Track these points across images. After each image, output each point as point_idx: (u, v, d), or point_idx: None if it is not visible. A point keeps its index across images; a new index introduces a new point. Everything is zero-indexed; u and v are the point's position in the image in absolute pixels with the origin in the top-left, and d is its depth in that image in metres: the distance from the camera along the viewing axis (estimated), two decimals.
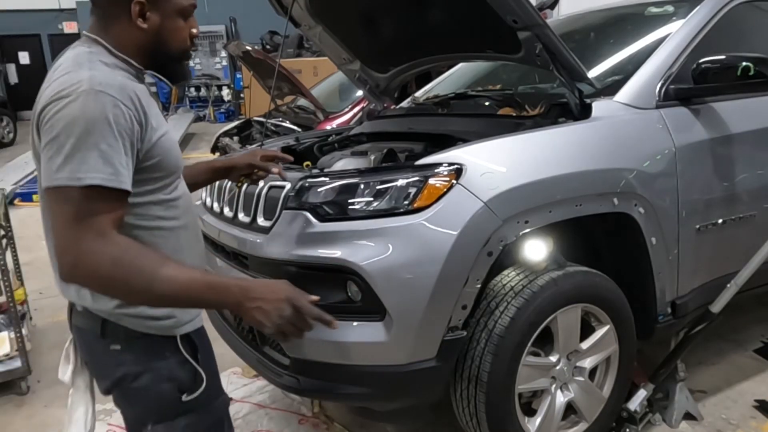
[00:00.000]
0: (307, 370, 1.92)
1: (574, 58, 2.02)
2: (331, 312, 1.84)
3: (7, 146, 11.77)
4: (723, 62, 2.16)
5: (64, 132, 1.13)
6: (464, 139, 2.08)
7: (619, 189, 2.03)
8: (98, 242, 1.13)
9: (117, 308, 1.29)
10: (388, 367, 1.84)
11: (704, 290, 2.37)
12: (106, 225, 1.15)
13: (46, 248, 1.32)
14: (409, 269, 1.75)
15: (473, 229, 1.77)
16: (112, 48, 1.28)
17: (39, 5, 16.06)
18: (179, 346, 1.35)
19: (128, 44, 1.29)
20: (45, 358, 3.30)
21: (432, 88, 3.32)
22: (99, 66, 1.22)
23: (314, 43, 2.87)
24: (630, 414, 2.30)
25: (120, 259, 1.15)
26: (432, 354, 1.84)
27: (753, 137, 2.41)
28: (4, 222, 3.45)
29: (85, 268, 1.14)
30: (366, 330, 1.81)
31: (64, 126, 1.13)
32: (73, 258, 1.14)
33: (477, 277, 1.83)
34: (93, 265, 1.13)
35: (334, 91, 5.97)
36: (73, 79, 1.17)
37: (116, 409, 1.47)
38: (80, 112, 1.13)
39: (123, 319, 1.30)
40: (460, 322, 1.86)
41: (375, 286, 1.75)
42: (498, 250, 1.84)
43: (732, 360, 2.92)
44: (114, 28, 1.29)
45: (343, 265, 1.77)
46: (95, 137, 1.13)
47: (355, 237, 1.80)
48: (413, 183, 1.82)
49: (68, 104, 1.14)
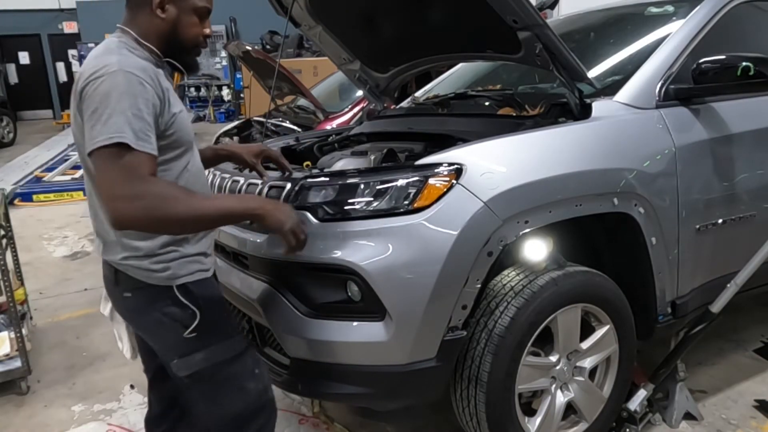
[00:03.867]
0: (307, 370, 1.92)
1: (574, 58, 2.02)
2: (332, 312, 1.86)
3: (7, 146, 11.76)
4: (723, 62, 2.16)
5: (101, 104, 1.36)
6: (464, 139, 2.08)
7: (619, 189, 2.03)
8: (143, 184, 1.36)
9: (123, 259, 1.53)
10: (388, 367, 1.83)
11: (704, 290, 2.37)
12: (144, 171, 1.37)
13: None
14: (409, 269, 1.75)
15: (473, 229, 1.77)
16: (138, 37, 1.52)
17: (39, 5, 16.06)
18: (176, 293, 1.54)
19: (150, 33, 1.53)
20: (45, 358, 3.30)
21: (432, 88, 3.31)
22: (125, 52, 1.46)
23: (314, 43, 2.87)
24: (630, 414, 2.31)
25: (163, 194, 1.38)
26: (432, 354, 1.84)
27: (753, 137, 2.41)
28: (4, 222, 3.45)
29: (135, 207, 1.34)
30: (366, 330, 1.81)
31: (99, 100, 1.36)
32: (123, 202, 1.34)
33: (477, 277, 1.83)
34: (142, 203, 1.34)
35: (334, 91, 5.97)
36: (105, 61, 1.41)
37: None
38: (112, 87, 1.36)
39: (129, 270, 1.53)
40: (460, 322, 1.86)
41: (375, 286, 1.75)
42: (498, 250, 1.83)
43: (732, 360, 2.92)
44: (138, 19, 1.53)
45: (343, 265, 1.77)
46: (124, 105, 1.35)
47: (355, 237, 1.80)
48: (413, 183, 1.82)
49: (102, 83, 1.37)
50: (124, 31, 1.53)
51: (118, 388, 2.90)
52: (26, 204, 7.00)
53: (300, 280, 1.90)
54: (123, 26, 1.55)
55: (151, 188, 1.37)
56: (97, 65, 1.40)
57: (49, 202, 7.08)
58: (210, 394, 1.64)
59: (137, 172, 1.35)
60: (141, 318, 1.61)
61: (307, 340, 1.86)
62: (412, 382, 1.87)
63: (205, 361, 1.59)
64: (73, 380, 3.06)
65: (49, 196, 7.16)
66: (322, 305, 1.86)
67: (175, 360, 1.59)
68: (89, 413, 2.75)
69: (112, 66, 1.39)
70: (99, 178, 1.39)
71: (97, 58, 1.43)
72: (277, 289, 1.92)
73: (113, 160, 1.34)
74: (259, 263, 1.98)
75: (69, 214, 6.51)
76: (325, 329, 1.84)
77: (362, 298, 1.79)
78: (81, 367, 3.19)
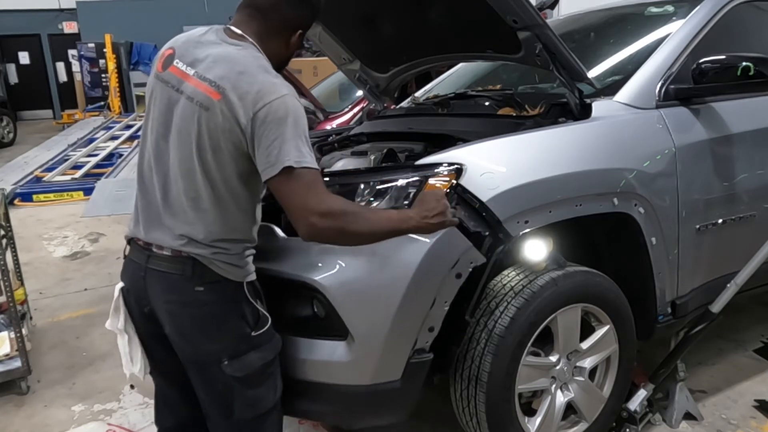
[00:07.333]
0: None
1: (574, 58, 2.01)
2: (298, 328, 1.82)
3: (7, 146, 11.75)
4: (723, 62, 2.16)
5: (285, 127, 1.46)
6: (464, 139, 2.08)
7: (619, 189, 2.03)
8: (334, 197, 1.48)
9: (213, 254, 1.55)
10: (351, 387, 1.81)
11: (704, 290, 2.37)
12: (325, 185, 1.49)
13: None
14: (372, 289, 1.72)
15: (440, 250, 1.73)
16: (267, 58, 1.60)
17: (39, 5, 16.05)
18: (245, 291, 1.60)
19: (275, 57, 1.62)
20: (45, 358, 3.30)
21: (432, 88, 3.31)
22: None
23: (314, 43, 2.86)
24: (630, 414, 2.31)
25: (352, 207, 1.51)
26: (397, 376, 1.80)
27: (753, 137, 2.41)
28: (4, 222, 3.45)
29: (336, 215, 1.44)
30: (329, 349, 1.79)
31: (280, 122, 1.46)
32: (325, 210, 1.43)
33: (445, 299, 1.78)
34: (340, 213, 1.45)
35: (334, 91, 5.96)
36: (273, 81, 1.50)
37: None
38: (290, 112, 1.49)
39: (214, 264, 1.55)
40: (426, 345, 1.81)
41: (336, 305, 1.72)
42: (467, 272, 1.78)
43: (732, 360, 2.92)
44: (272, 42, 1.62)
45: (306, 282, 1.75)
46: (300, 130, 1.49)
47: (321, 252, 1.76)
48: (413, 183, 1.82)
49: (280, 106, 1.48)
50: (256, 48, 1.56)
51: (118, 388, 2.90)
52: (26, 204, 6.99)
53: (268, 294, 1.89)
54: (253, 41, 1.57)
55: (339, 202, 1.48)
56: (266, 85, 1.47)
57: (49, 202, 7.07)
58: (252, 392, 1.66)
59: (324, 189, 1.48)
60: (207, 313, 1.58)
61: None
62: (376, 403, 1.84)
63: (260, 360, 1.63)
64: (73, 380, 3.06)
65: (49, 196, 7.16)
66: (288, 321, 1.83)
67: (226, 361, 1.59)
68: (89, 413, 2.75)
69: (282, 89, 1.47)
70: (291, 195, 1.46)
71: (261, 76, 1.48)
72: None
73: (308, 178, 1.44)
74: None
75: (69, 214, 6.51)
76: (291, 346, 1.81)
77: (326, 316, 1.77)
78: (81, 367, 3.19)
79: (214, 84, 1.47)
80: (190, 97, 1.50)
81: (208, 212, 1.54)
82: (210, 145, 1.49)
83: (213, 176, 1.51)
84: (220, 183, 1.52)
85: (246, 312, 1.61)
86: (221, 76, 1.47)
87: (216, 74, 1.48)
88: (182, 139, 1.52)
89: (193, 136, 1.50)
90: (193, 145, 1.51)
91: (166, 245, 1.57)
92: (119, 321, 1.69)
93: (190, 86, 1.51)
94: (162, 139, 1.57)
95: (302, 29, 1.63)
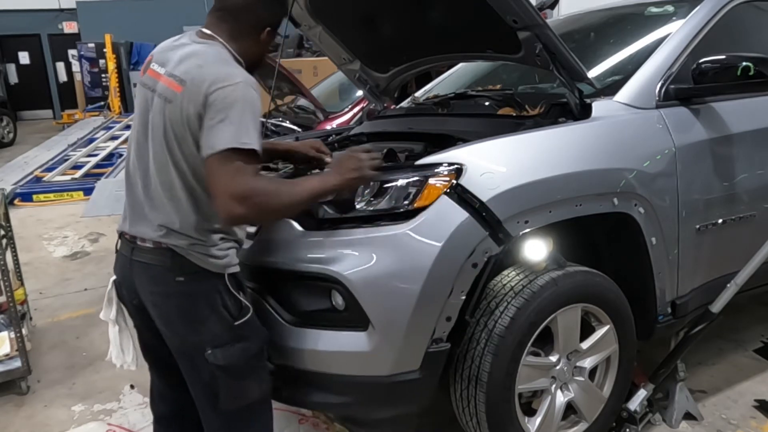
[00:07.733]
0: (290, 377, 1.90)
1: (574, 58, 2.01)
2: (316, 320, 1.84)
3: (7, 146, 11.76)
4: (723, 62, 2.16)
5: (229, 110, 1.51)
6: (464, 139, 2.08)
7: (619, 189, 2.03)
8: (256, 179, 1.53)
9: (190, 245, 1.60)
10: (370, 378, 1.82)
11: (704, 290, 2.37)
12: (255, 169, 1.54)
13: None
14: (393, 279, 1.74)
15: (457, 241, 1.76)
16: (237, 55, 1.68)
17: (39, 5, 16.06)
18: (227, 281, 1.64)
19: (245, 54, 1.70)
20: (45, 358, 3.30)
21: (432, 88, 3.31)
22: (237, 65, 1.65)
23: (314, 43, 2.87)
24: (630, 414, 2.31)
25: (271, 186, 1.60)
26: (416, 366, 1.82)
27: (753, 137, 2.40)
28: (4, 222, 3.46)
29: (253, 197, 1.49)
30: (349, 340, 1.80)
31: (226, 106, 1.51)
32: (242, 193, 1.47)
33: (462, 288, 1.80)
34: (258, 194, 1.50)
35: (334, 91, 5.96)
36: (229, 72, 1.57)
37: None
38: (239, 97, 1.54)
39: (191, 255, 1.60)
40: (444, 334, 1.83)
41: (358, 296, 1.74)
42: (483, 261, 1.81)
43: (732, 360, 2.92)
44: (242, 41, 1.69)
45: (327, 275, 1.77)
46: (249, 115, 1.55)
47: (340, 246, 1.79)
48: (413, 183, 1.82)
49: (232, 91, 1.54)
50: (223, 45, 1.64)
51: (118, 388, 2.90)
52: (26, 204, 7.00)
53: (284, 288, 1.90)
54: (222, 40, 1.64)
55: (266, 182, 1.59)
56: (221, 74, 1.53)
57: (49, 202, 7.08)
58: (236, 383, 1.68)
59: (254, 170, 1.52)
60: (188, 303, 1.63)
61: (290, 348, 1.85)
62: (394, 394, 1.85)
63: (243, 351, 1.66)
64: (73, 380, 3.06)
65: (49, 196, 7.16)
66: (305, 313, 1.85)
67: (210, 350, 1.63)
68: (89, 413, 2.75)
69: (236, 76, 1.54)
70: (218, 175, 1.50)
71: (218, 66, 1.56)
72: (261, 296, 1.92)
73: (238, 160, 1.48)
74: (244, 270, 1.96)
75: (69, 214, 6.51)
76: (308, 338, 1.83)
77: (346, 307, 1.78)
78: (81, 367, 3.19)
79: (178, 78, 1.57)
80: (160, 94, 1.60)
81: (182, 201, 1.61)
82: (174, 137, 1.57)
83: (182, 167, 1.59)
84: (189, 173, 1.59)
85: (228, 302, 1.65)
86: (185, 71, 1.57)
87: (181, 70, 1.58)
88: (155, 134, 1.61)
89: (161, 129, 1.59)
90: (162, 138, 1.59)
91: (148, 237, 1.64)
92: (111, 312, 1.79)
93: (161, 84, 1.61)
94: (142, 137, 1.66)
95: (271, 27, 1.71)
